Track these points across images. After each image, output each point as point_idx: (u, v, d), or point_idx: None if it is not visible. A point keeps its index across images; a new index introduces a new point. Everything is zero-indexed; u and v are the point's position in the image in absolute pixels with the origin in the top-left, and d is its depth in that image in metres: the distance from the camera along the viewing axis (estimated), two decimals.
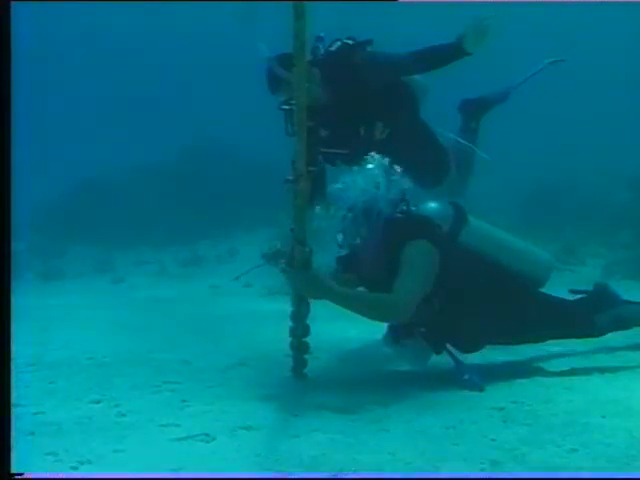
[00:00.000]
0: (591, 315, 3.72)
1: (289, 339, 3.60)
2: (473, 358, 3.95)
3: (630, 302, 3.86)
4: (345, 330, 4.75)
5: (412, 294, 3.26)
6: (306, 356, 3.62)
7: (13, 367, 3.97)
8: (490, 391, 3.25)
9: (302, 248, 3.35)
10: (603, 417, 2.79)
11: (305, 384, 3.54)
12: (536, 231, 10.42)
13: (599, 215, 10.30)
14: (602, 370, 3.56)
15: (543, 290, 3.83)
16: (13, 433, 2.68)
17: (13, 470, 2.30)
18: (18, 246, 11.35)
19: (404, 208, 3.49)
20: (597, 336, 3.80)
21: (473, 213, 3.89)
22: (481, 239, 3.65)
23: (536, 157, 14.66)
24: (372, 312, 3.34)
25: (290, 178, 3.37)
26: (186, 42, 21.68)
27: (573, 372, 3.55)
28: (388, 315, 3.36)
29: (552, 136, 16.76)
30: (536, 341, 3.81)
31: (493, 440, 2.58)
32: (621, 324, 3.79)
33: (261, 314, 5.46)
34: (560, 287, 3.99)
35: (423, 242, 3.35)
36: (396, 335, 3.56)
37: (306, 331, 3.58)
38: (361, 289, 3.67)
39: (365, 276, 3.61)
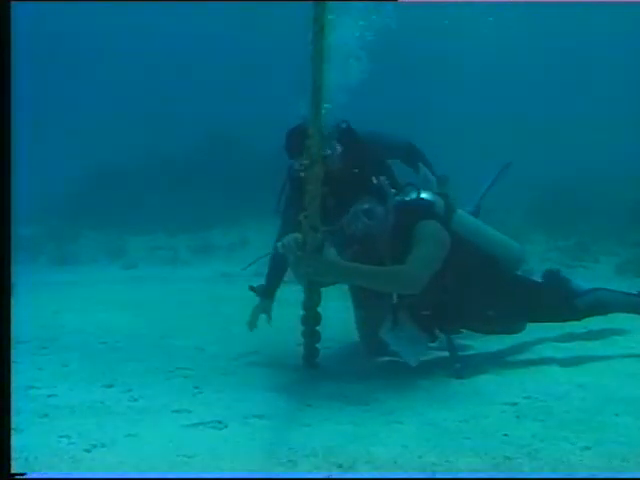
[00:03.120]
0: (572, 299, 3.87)
1: (301, 327, 3.61)
2: (487, 352, 3.96)
3: (602, 289, 4.03)
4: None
5: (425, 266, 3.35)
6: (318, 345, 3.63)
7: (27, 349, 4.04)
8: (503, 386, 3.23)
9: (315, 234, 3.35)
10: (616, 415, 2.77)
11: (317, 373, 3.55)
12: (550, 229, 10.40)
13: (613, 213, 10.24)
14: (616, 368, 3.53)
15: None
16: (27, 415, 2.72)
17: (26, 453, 2.33)
18: (32, 231, 11.43)
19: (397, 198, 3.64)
20: (578, 319, 3.96)
21: (488, 211, 3.98)
22: (467, 227, 3.83)
23: (550, 155, 14.59)
24: (388, 284, 3.40)
25: (305, 162, 3.35)
26: (200, 36, 21.83)
27: (587, 369, 3.53)
28: (403, 285, 3.38)
29: (566, 134, 16.67)
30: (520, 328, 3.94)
31: (506, 435, 2.56)
32: (601, 309, 3.97)
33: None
34: None
35: (434, 222, 3.50)
36: (393, 323, 3.62)
37: (318, 319, 3.59)
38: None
39: (374, 260, 3.61)
